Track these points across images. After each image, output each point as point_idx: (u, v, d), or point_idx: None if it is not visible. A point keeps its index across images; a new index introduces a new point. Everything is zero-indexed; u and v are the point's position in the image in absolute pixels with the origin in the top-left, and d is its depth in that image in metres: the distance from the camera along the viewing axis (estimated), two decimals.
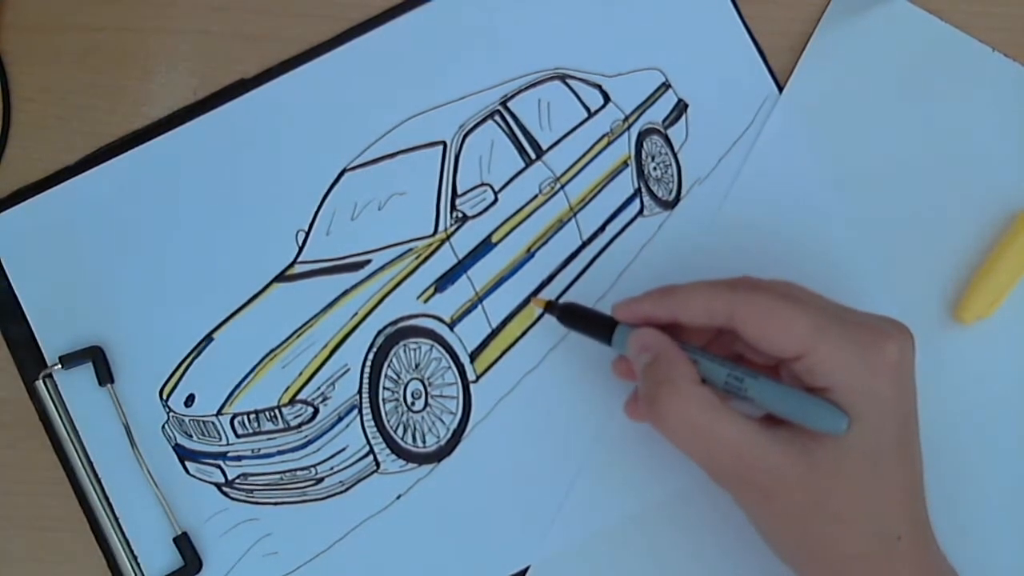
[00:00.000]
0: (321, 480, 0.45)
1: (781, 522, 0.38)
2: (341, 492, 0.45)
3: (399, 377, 0.46)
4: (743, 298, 0.38)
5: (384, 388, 0.46)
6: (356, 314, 0.46)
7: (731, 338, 0.41)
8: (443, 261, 0.47)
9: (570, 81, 0.49)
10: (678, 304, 0.40)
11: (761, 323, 0.38)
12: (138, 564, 0.45)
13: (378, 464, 0.46)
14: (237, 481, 0.46)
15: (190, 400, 0.46)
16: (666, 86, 0.49)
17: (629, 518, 0.45)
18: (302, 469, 0.45)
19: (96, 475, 0.46)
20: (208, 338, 0.46)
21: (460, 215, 0.47)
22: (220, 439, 0.45)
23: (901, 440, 0.38)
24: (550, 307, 0.44)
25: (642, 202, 0.48)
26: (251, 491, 0.46)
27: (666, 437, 0.39)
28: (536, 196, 0.48)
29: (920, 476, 0.39)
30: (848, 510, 0.37)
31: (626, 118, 0.49)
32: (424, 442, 0.46)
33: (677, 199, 0.48)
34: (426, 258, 0.47)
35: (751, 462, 0.37)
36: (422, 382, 0.46)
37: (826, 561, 0.38)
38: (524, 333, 0.47)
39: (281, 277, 0.47)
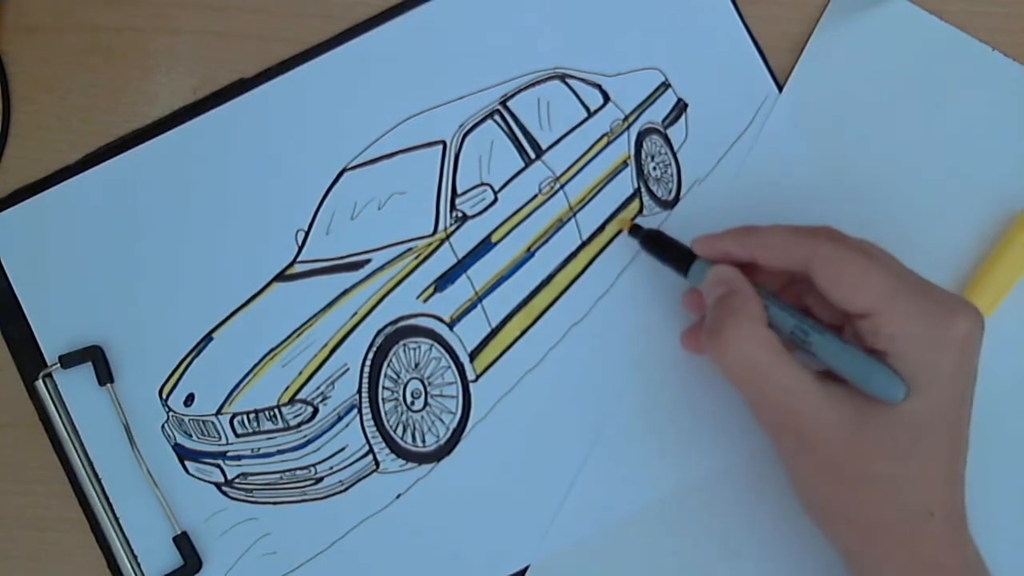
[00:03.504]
0: (320, 479, 0.45)
1: (816, 476, 0.39)
2: (340, 492, 0.45)
3: (399, 376, 0.46)
4: (823, 246, 0.38)
5: (384, 388, 0.46)
6: (356, 313, 0.46)
7: (801, 290, 0.41)
8: (443, 261, 0.47)
9: (570, 81, 0.49)
10: (759, 244, 0.40)
11: (837, 273, 0.38)
12: (138, 563, 0.45)
13: (377, 464, 0.46)
14: (237, 480, 0.46)
15: (190, 400, 0.46)
16: (666, 86, 0.49)
17: (629, 518, 0.45)
18: (301, 468, 0.45)
19: (96, 475, 0.46)
20: (208, 337, 0.46)
21: (460, 215, 0.47)
22: (220, 439, 0.45)
23: (952, 418, 0.37)
24: (635, 230, 0.46)
25: (642, 202, 0.48)
26: (251, 490, 0.46)
27: (722, 371, 0.39)
28: (536, 196, 0.48)
29: (963, 459, 0.38)
30: (885, 477, 0.37)
31: (626, 118, 0.49)
32: (424, 441, 0.46)
33: (677, 199, 0.48)
34: (426, 258, 0.47)
35: (800, 410, 0.37)
36: (422, 382, 0.46)
37: (854, 524, 0.38)
38: (524, 333, 0.47)
39: (281, 276, 0.47)
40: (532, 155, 0.48)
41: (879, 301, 0.37)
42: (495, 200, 0.48)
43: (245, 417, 0.45)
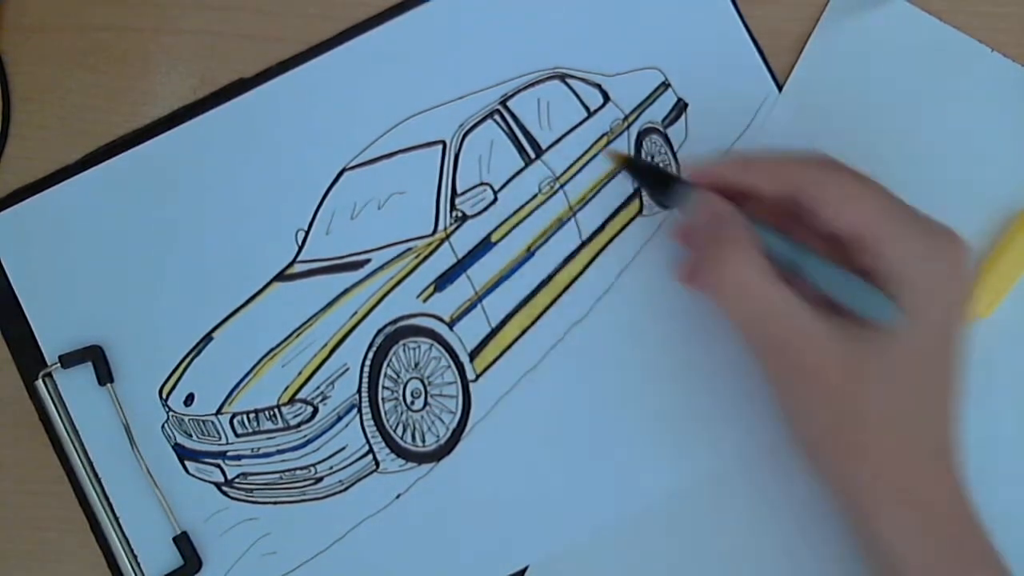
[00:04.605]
0: (320, 479, 0.45)
1: (812, 405, 0.38)
2: (340, 491, 0.45)
3: (398, 376, 0.46)
4: (815, 169, 0.38)
5: (383, 387, 0.46)
6: (356, 313, 0.46)
7: (790, 225, 0.40)
8: (442, 260, 0.47)
9: (570, 80, 0.49)
10: (751, 171, 0.40)
11: (834, 196, 0.37)
12: (138, 563, 0.45)
13: (377, 463, 0.46)
14: (237, 480, 0.46)
15: (189, 399, 0.46)
16: (665, 85, 0.49)
17: (629, 518, 0.45)
18: (301, 468, 0.45)
19: (96, 475, 0.46)
20: (208, 337, 0.47)
21: (460, 214, 0.47)
22: (219, 438, 0.45)
23: (949, 349, 0.37)
24: (624, 161, 0.45)
25: (642, 201, 0.48)
26: (250, 490, 0.46)
27: (717, 300, 0.38)
28: (536, 195, 0.48)
29: (958, 391, 0.38)
30: (884, 404, 0.36)
31: (626, 117, 0.49)
32: (423, 441, 0.46)
33: None
34: (425, 257, 0.47)
35: (798, 336, 0.37)
36: (421, 381, 0.46)
37: (849, 454, 0.37)
38: (523, 332, 0.47)
39: (281, 276, 0.47)
40: (532, 155, 0.48)
41: (872, 222, 0.37)
42: (495, 200, 0.48)
43: (245, 417, 0.45)
